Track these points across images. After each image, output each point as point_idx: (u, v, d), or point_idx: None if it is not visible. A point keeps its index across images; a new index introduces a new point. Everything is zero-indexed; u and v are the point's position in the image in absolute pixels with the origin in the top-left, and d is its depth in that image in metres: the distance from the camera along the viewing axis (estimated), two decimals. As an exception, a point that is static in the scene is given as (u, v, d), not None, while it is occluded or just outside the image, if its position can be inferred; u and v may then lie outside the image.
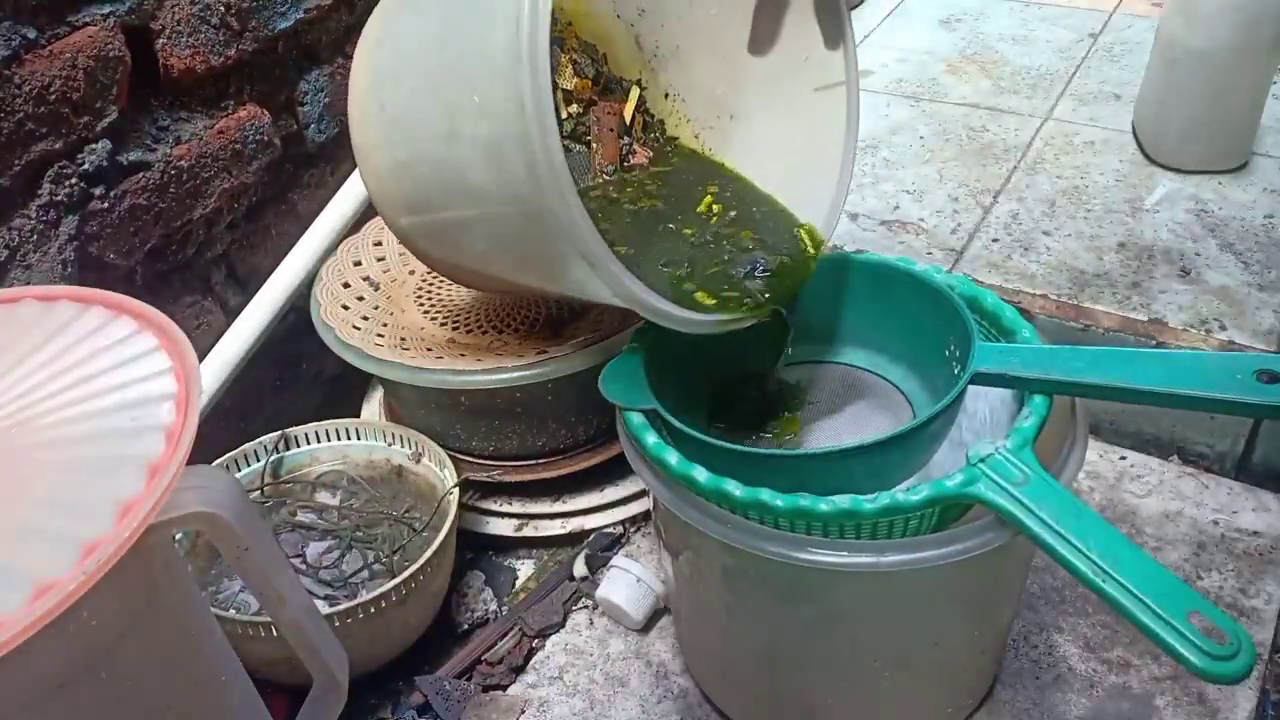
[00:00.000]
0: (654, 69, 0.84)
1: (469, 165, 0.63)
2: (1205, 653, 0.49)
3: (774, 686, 0.73)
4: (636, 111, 0.83)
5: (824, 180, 0.77)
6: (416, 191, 0.70)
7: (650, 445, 0.63)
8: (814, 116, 0.77)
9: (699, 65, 0.82)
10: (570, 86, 0.80)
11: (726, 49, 0.79)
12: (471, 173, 0.64)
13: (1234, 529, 0.92)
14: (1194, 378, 0.59)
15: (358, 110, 0.73)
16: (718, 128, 0.83)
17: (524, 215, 0.62)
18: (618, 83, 0.84)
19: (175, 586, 0.49)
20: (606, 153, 0.80)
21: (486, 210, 0.65)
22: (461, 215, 0.68)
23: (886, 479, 0.63)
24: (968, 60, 1.54)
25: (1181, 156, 1.23)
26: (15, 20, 0.70)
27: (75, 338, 0.49)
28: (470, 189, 0.65)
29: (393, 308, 0.92)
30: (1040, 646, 0.83)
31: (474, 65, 0.61)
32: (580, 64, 0.81)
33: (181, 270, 0.88)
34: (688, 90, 0.84)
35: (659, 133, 0.85)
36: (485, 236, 0.69)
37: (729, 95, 0.82)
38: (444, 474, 0.87)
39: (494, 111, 0.59)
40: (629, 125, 0.83)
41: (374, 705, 0.83)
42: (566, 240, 0.60)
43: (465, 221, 0.69)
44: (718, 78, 0.82)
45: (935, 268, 0.74)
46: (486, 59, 0.59)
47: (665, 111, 0.85)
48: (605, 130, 0.80)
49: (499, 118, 0.59)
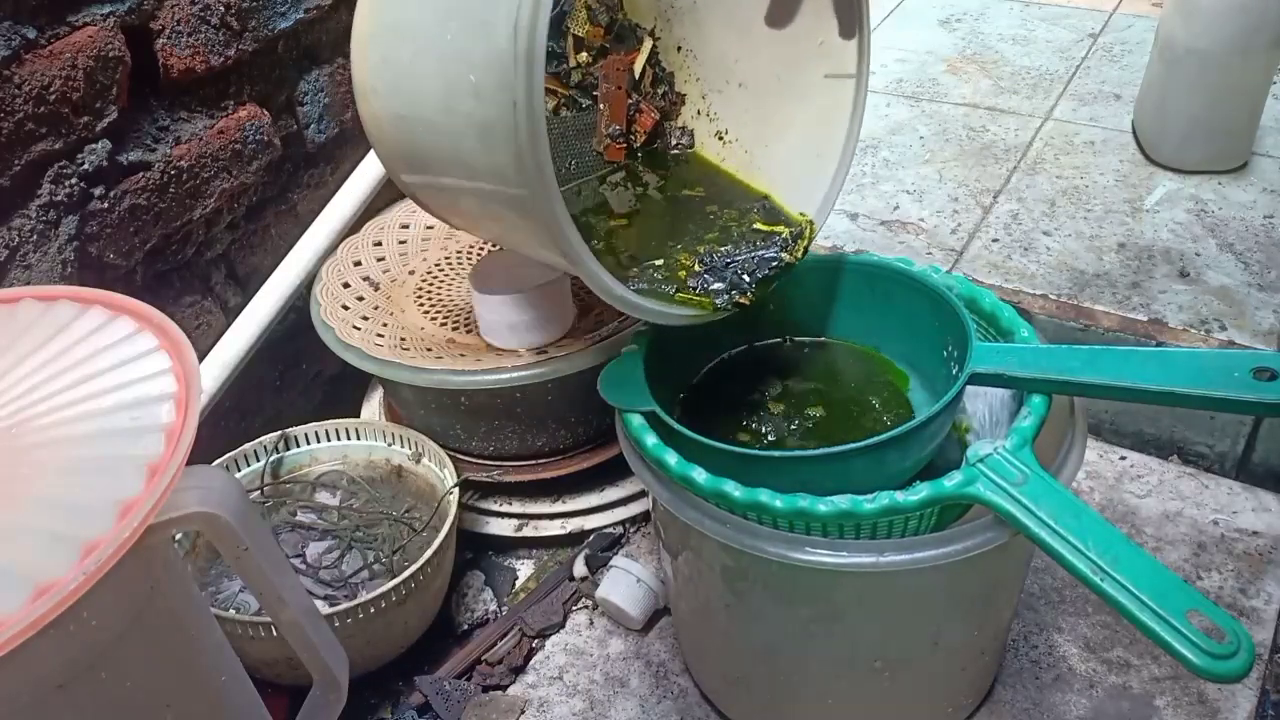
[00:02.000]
0: (669, 19, 0.83)
1: (463, 137, 0.64)
2: (1204, 651, 0.49)
3: (773, 686, 0.73)
4: (647, 65, 0.82)
5: (822, 170, 0.77)
6: (415, 149, 0.70)
7: (649, 447, 0.63)
8: (821, 103, 0.77)
9: (714, 25, 0.82)
10: (582, 33, 0.78)
11: (744, 16, 0.79)
12: (465, 145, 0.64)
13: (1234, 529, 0.92)
14: (1191, 376, 0.59)
15: (359, 54, 0.71)
16: (725, 93, 0.83)
17: (510, 196, 0.63)
18: (632, 31, 0.82)
19: (175, 587, 0.49)
20: (613, 113, 0.79)
21: (478, 184, 0.66)
22: (456, 182, 0.69)
23: (885, 479, 0.63)
24: (968, 60, 1.54)
25: (1181, 156, 1.23)
26: (15, 20, 0.70)
27: (75, 338, 0.49)
28: (463, 160, 0.65)
29: (393, 308, 0.92)
30: (1040, 646, 0.83)
31: (472, 45, 0.60)
32: (595, 10, 0.79)
33: (181, 270, 0.88)
34: (700, 47, 0.83)
35: (668, 87, 0.83)
36: (477, 204, 0.69)
37: (740, 62, 0.81)
38: (444, 474, 0.87)
39: (487, 97, 0.59)
40: (638, 80, 0.81)
41: (374, 705, 0.83)
42: (545, 231, 0.61)
43: (459, 188, 0.69)
44: (731, 43, 0.81)
45: (933, 268, 0.74)
46: (486, 43, 0.59)
47: (676, 65, 0.84)
48: (613, 89, 0.79)
49: (491, 104, 0.59)
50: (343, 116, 0.99)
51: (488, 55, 0.58)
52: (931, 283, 0.72)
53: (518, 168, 0.59)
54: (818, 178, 0.77)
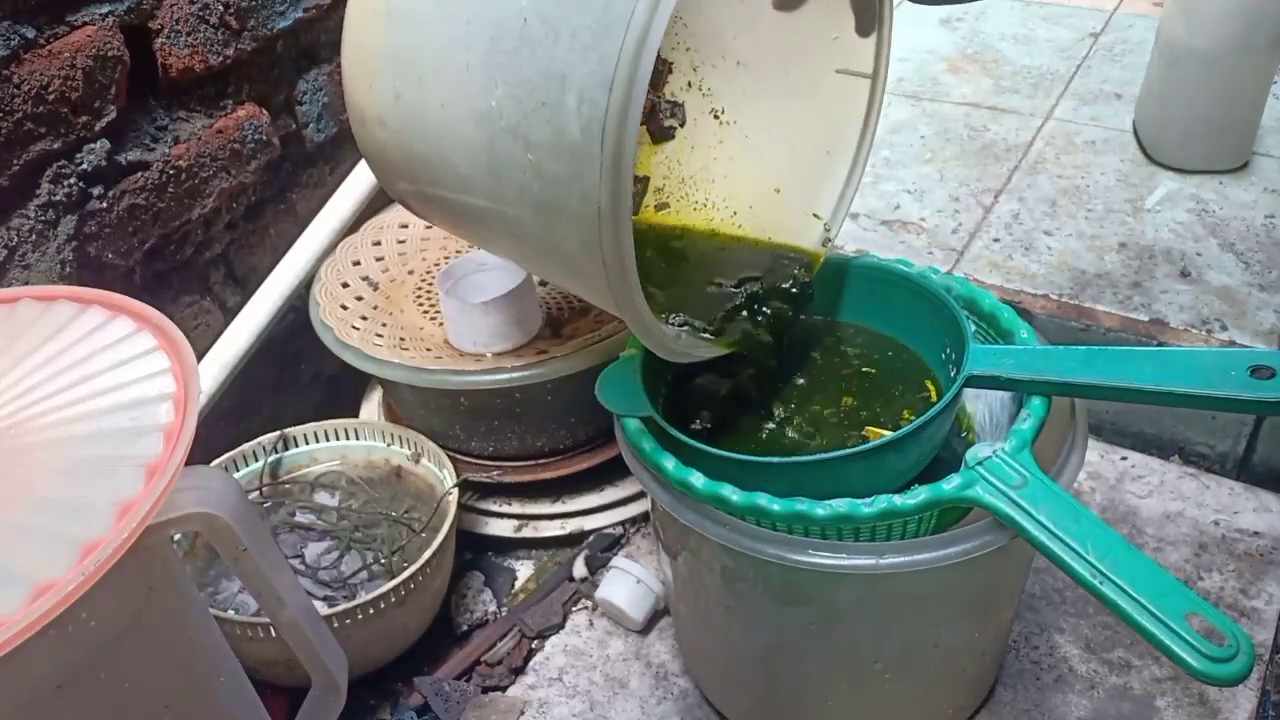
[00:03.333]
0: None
1: (512, 204, 0.58)
2: (1203, 654, 0.49)
3: (773, 688, 0.73)
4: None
5: (831, 169, 0.74)
6: (434, 191, 0.64)
7: (648, 451, 0.63)
8: (831, 99, 0.73)
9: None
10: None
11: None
12: (514, 212, 0.59)
13: (1235, 529, 0.92)
14: (1188, 375, 0.59)
15: (359, 75, 0.63)
16: (720, 69, 0.77)
17: (563, 259, 0.58)
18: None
19: (174, 587, 0.49)
20: None
21: (522, 245, 0.61)
22: (488, 231, 0.64)
23: (884, 482, 0.63)
24: (969, 59, 1.54)
25: (1182, 156, 1.23)
26: (14, 20, 0.69)
27: (73, 338, 0.49)
28: (507, 221, 0.60)
29: (392, 308, 0.92)
30: (1041, 647, 0.83)
31: (529, 124, 0.53)
32: None
33: (180, 270, 0.88)
34: (690, 14, 0.76)
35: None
36: (512, 248, 0.65)
37: (738, 39, 0.76)
38: (443, 474, 0.87)
39: (552, 179, 0.53)
40: None
41: (373, 706, 0.82)
42: (603, 296, 0.57)
43: (491, 235, 0.64)
44: (728, 15, 0.75)
45: (932, 268, 0.73)
46: (549, 129, 0.52)
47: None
48: None
49: (557, 187, 0.53)
50: (342, 116, 0.99)
51: (553, 143, 0.52)
52: (929, 284, 0.72)
53: (587, 254, 0.54)
54: (827, 177, 0.74)
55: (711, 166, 0.80)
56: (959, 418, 0.74)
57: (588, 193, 0.52)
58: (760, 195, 0.78)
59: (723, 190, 0.79)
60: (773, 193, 0.77)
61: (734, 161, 0.79)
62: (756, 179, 0.78)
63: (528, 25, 0.53)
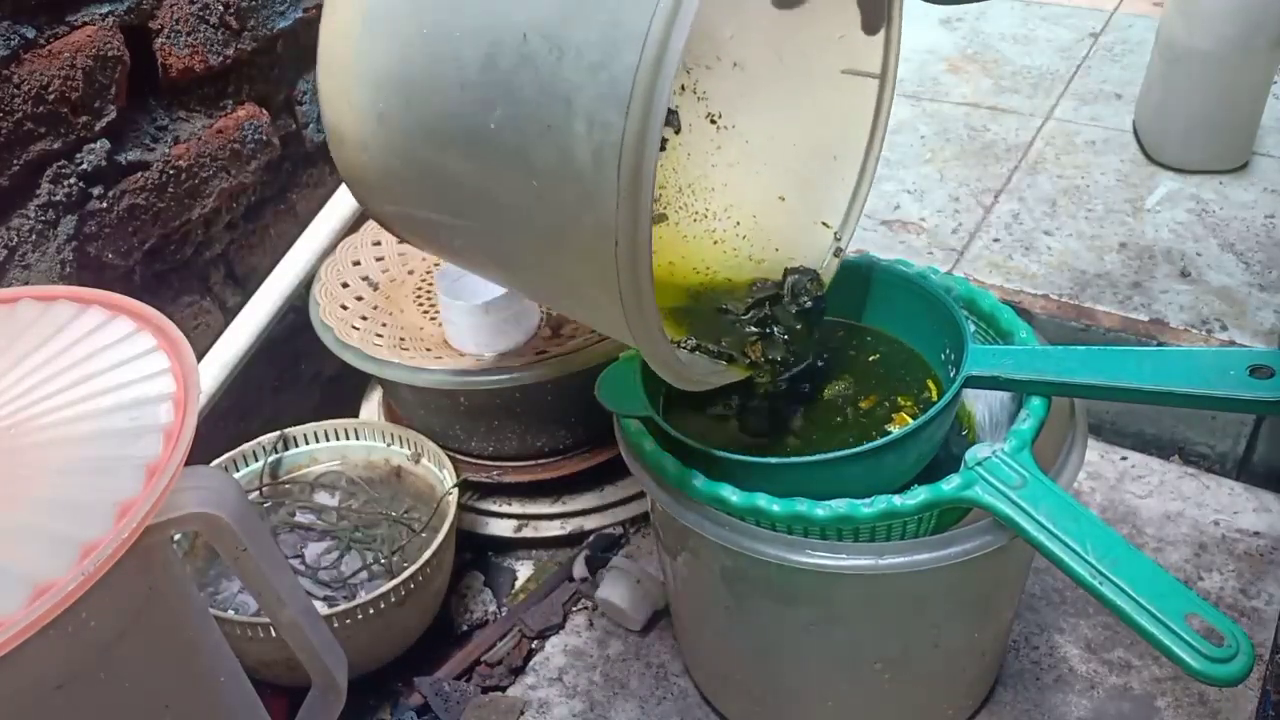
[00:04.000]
0: None
1: (512, 230, 0.54)
2: (1203, 655, 0.49)
3: (773, 688, 0.73)
4: None
5: (838, 174, 0.71)
6: (419, 203, 0.60)
7: (648, 451, 0.63)
8: (836, 101, 0.71)
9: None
10: None
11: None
12: (508, 237, 0.55)
13: (1235, 529, 0.92)
14: (1187, 375, 0.59)
15: (337, 92, 0.58)
16: (716, 70, 0.74)
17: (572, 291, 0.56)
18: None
19: (174, 587, 0.49)
20: None
21: (510, 261, 0.58)
22: (481, 260, 0.61)
23: (884, 482, 0.63)
24: (969, 59, 1.54)
25: (1182, 156, 1.23)
26: (14, 20, 0.70)
27: (73, 338, 0.49)
28: (503, 250, 0.56)
29: (391, 308, 0.92)
30: (1041, 648, 0.83)
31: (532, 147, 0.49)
32: None
33: (180, 270, 0.88)
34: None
35: None
36: (491, 264, 0.62)
37: (735, 39, 0.72)
38: (443, 474, 0.87)
39: (557, 208, 0.50)
40: None
41: (373, 706, 0.83)
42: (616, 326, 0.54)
43: (484, 263, 0.61)
44: (723, 14, 0.71)
45: (932, 268, 0.73)
46: (556, 154, 0.48)
47: None
48: None
49: (562, 215, 0.50)
50: (342, 116, 0.99)
51: (559, 170, 0.48)
52: (928, 285, 0.72)
53: (597, 287, 0.50)
54: (835, 183, 0.72)
55: (710, 174, 0.78)
56: (959, 417, 0.74)
57: (602, 224, 0.48)
58: (764, 204, 0.76)
59: (724, 199, 0.77)
60: (777, 201, 0.75)
61: (734, 169, 0.77)
62: (759, 186, 0.76)
63: (528, 42, 0.49)
